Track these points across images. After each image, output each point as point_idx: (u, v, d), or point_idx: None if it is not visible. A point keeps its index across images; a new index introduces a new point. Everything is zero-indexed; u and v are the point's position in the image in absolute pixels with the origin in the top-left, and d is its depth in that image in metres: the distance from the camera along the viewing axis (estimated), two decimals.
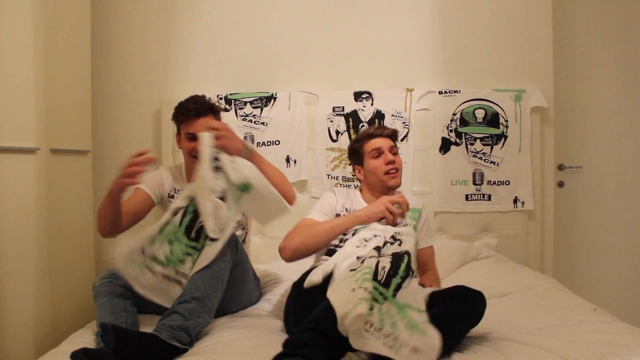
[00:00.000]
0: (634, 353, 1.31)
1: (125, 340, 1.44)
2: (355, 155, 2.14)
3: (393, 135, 2.12)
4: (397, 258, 1.48)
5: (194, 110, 2.04)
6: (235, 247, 1.84)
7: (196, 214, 1.74)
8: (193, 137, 2.02)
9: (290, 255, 1.88)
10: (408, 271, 1.47)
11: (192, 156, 2.04)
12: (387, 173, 2.02)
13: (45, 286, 2.10)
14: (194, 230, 1.73)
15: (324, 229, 1.87)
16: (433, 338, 1.33)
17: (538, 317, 1.67)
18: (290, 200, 1.97)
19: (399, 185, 2.06)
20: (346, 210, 2.03)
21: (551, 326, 1.57)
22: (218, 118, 2.11)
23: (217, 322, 1.77)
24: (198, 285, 1.67)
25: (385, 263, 1.45)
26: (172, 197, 2.14)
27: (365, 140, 2.10)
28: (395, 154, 2.08)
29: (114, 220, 1.94)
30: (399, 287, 1.40)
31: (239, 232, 2.14)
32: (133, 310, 1.77)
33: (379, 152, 2.05)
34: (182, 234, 1.73)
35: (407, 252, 1.53)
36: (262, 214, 1.94)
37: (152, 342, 1.48)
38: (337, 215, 2.02)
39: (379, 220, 1.74)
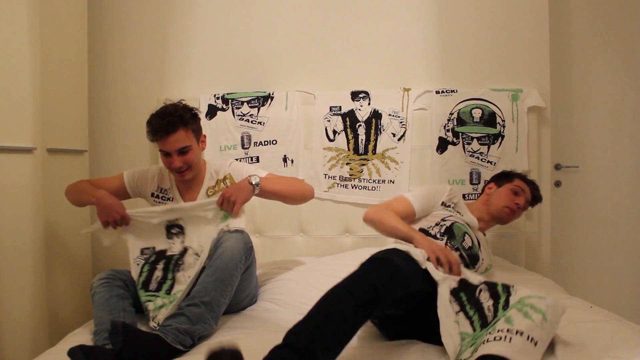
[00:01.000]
0: (631, 350, 1.31)
1: (133, 339, 1.44)
2: (503, 178, 2.34)
3: (536, 199, 2.33)
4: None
5: (162, 130, 1.92)
6: (249, 254, 1.85)
7: (152, 268, 1.88)
8: (167, 154, 1.97)
9: (367, 223, 2.09)
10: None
11: (174, 172, 2.01)
12: (508, 207, 2.21)
13: (42, 286, 2.09)
14: (151, 282, 1.86)
15: (389, 225, 1.98)
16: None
17: None
18: (310, 196, 2.15)
19: (506, 223, 2.29)
20: (451, 202, 2.16)
21: None
22: (194, 124, 2.02)
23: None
24: (209, 290, 1.68)
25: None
26: (156, 196, 2.12)
27: (520, 179, 2.31)
28: (526, 208, 2.29)
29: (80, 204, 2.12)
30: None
31: None
32: (131, 310, 1.77)
33: (519, 192, 2.25)
34: (140, 288, 1.85)
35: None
36: None
37: (157, 343, 1.49)
38: (444, 203, 2.14)
39: (427, 258, 1.68)
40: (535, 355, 1.26)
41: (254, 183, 1.96)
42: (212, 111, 2.75)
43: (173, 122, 1.93)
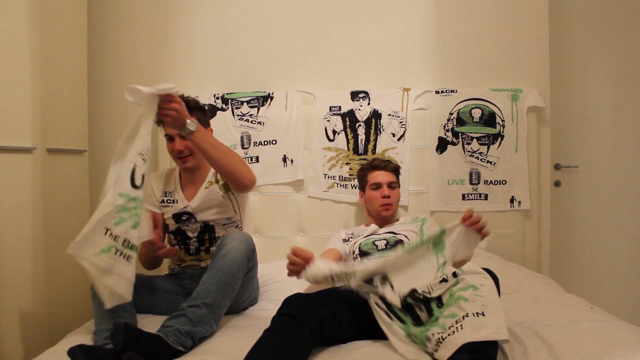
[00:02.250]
0: (632, 351, 1.32)
1: (134, 339, 1.44)
2: (360, 181, 2.49)
3: (396, 170, 2.43)
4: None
5: None
6: (251, 256, 1.85)
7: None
8: (171, 138, 2.00)
9: None
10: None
11: (176, 157, 2.02)
12: (382, 205, 2.33)
13: (42, 286, 2.09)
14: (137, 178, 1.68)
15: None
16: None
17: (534, 316, 1.68)
18: (245, 181, 1.91)
19: (390, 216, 2.36)
20: (351, 234, 2.30)
21: (547, 325, 1.57)
22: (200, 113, 2.02)
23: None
24: (211, 291, 1.68)
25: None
26: (164, 201, 2.11)
27: (369, 171, 2.42)
28: (394, 188, 2.38)
29: (154, 259, 2.02)
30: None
31: (232, 230, 2.13)
32: (132, 310, 1.77)
33: (377, 185, 2.36)
34: (129, 186, 1.66)
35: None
36: None
37: (157, 343, 1.49)
38: (345, 240, 2.28)
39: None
40: (493, 320, 1.35)
41: (185, 123, 1.77)
42: (211, 111, 2.75)
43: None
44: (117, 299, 1.58)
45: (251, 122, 2.75)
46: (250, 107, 2.76)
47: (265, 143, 2.75)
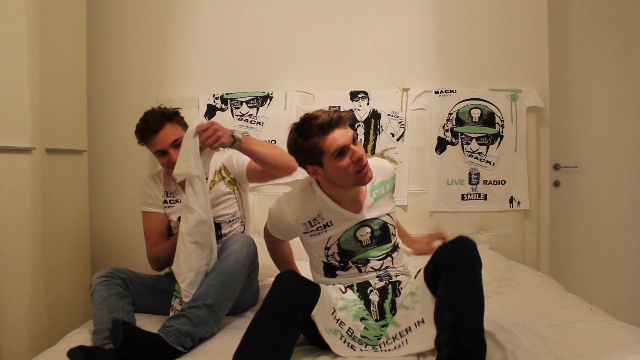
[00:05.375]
0: (631, 351, 1.32)
1: (133, 338, 1.45)
2: (308, 156, 1.70)
3: (347, 118, 1.71)
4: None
5: (149, 129, 1.95)
6: (253, 259, 1.85)
7: None
8: (163, 152, 1.98)
9: None
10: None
11: (170, 168, 1.97)
12: (358, 173, 1.67)
13: (41, 286, 2.09)
14: None
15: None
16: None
17: (534, 316, 1.68)
18: (294, 165, 1.87)
19: (371, 177, 1.71)
20: (310, 226, 1.79)
21: (547, 325, 1.57)
22: (179, 119, 2.04)
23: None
24: (212, 293, 1.68)
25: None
26: (166, 202, 2.11)
27: (319, 135, 1.66)
28: (357, 142, 1.70)
29: (169, 257, 1.93)
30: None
31: (237, 227, 2.13)
32: (130, 309, 1.78)
33: (342, 150, 1.65)
34: None
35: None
36: None
37: (157, 343, 1.49)
38: (305, 233, 1.82)
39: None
40: (430, 327, 1.48)
41: (235, 135, 1.79)
42: (211, 111, 2.75)
43: (157, 119, 1.96)
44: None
45: (250, 122, 2.75)
46: (250, 107, 2.76)
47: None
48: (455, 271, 1.45)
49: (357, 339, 1.57)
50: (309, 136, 1.66)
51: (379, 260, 1.78)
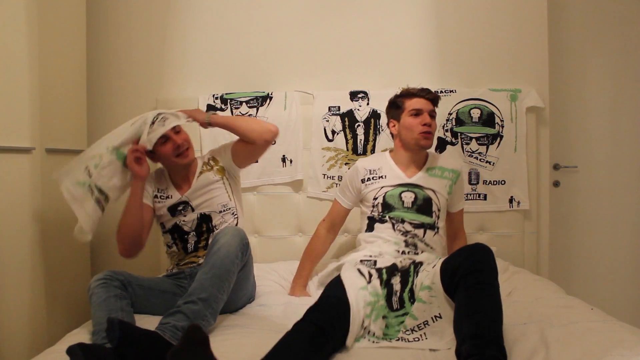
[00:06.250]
0: (631, 351, 1.32)
1: (129, 336, 1.44)
2: (395, 109, 2.21)
3: (435, 99, 2.19)
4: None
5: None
6: (245, 250, 1.86)
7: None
8: (165, 139, 2.05)
9: None
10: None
11: (176, 156, 2.06)
12: (422, 133, 2.09)
13: (41, 286, 2.09)
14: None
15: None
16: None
17: (534, 316, 1.68)
18: (273, 129, 2.13)
19: (430, 146, 2.14)
20: (370, 173, 2.18)
21: (547, 325, 1.57)
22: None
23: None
24: (206, 286, 1.68)
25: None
26: (157, 197, 2.14)
27: (408, 97, 2.17)
28: (433, 117, 2.16)
29: (138, 232, 1.99)
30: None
31: (229, 218, 2.14)
32: (130, 310, 1.78)
33: (418, 112, 2.12)
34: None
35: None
36: None
37: (154, 340, 1.49)
38: (364, 180, 2.20)
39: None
40: (448, 322, 1.57)
41: (207, 116, 2.14)
42: (210, 111, 2.75)
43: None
44: (82, 235, 1.95)
45: None
46: (250, 107, 2.76)
47: None
48: (475, 280, 1.51)
49: (380, 338, 1.64)
50: (401, 95, 2.20)
51: (413, 226, 2.06)
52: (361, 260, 1.96)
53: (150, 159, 2.10)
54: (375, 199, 2.13)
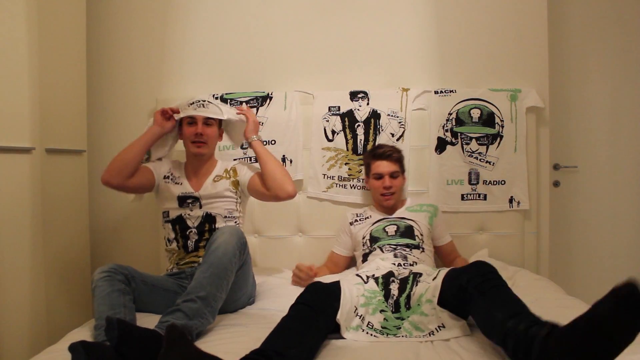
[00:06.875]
0: (631, 351, 1.32)
1: (128, 335, 1.45)
2: (365, 167, 2.56)
3: (398, 160, 2.47)
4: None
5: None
6: (243, 249, 1.86)
7: None
8: (193, 122, 2.16)
9: None
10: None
11: (192, 142, 2.15)
12: (382, 195, 2.42)
13: (41, 285, 2.09)
14: None
15: None
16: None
17: None
18: (287, 187, 2.14)
19: (391, 205, 2.45)
20: (357, 216, 2.50)
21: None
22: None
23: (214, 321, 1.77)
24: (204, 285, 1.69)
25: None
26: (167, 177, 2.22)
27: (374, 159, 2.46)
28: (396, 177, 2.43)
29: (129, 165, 2.10)
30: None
31: (230, 225, 2.14)
32: (132, 306, 1.77)
33: (379, 176, 2.42)
34: None
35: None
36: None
37: (153, 338, 1.49)
38: (352, 222, 2.50)
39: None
40: (453, 328, 1.59)
41: (256, 135, 2.27)
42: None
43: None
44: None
45: None
46: (250, 107, 2.75)
47: (264, 143, 2.73)
48: (490, 285, 1.52)
49: (377, 330, 1.66)
50: (370, 154, 2.51)
51: (400, 246, 2.26)
52: (357, 275, 2.02)
53: (179, 132, 2.25)
54: (364, 237, 2.38)
